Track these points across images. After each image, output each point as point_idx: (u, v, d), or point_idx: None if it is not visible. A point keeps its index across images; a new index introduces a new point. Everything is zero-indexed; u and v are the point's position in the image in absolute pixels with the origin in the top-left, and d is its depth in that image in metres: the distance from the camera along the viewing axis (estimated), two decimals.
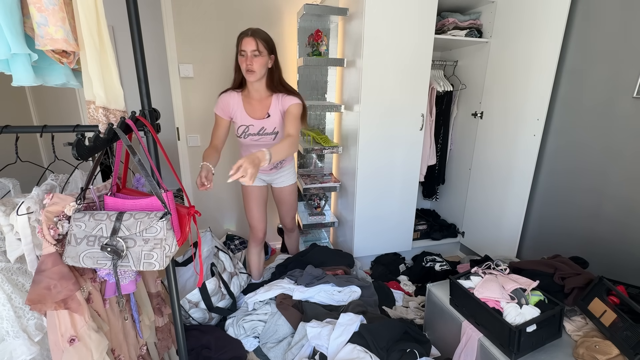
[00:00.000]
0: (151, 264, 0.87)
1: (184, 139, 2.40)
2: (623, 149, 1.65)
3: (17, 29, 0.77)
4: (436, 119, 2.57)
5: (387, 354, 1.41)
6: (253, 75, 1.56)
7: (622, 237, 1.68)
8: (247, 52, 1.52)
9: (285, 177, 1.94)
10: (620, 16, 1.63)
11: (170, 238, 0.88)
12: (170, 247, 0.88)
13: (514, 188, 2.15)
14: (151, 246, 0.87)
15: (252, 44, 1.51)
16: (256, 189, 1.92)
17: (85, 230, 0.86)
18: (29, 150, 2.53)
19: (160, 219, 0.87)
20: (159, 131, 1.06)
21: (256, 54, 1.52)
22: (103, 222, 0.86)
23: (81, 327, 0.92)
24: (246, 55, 1.53)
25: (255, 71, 1.55)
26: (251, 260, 2.10)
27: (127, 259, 0.87)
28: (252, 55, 1.52)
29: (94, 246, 0.86)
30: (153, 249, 0.87)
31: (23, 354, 0.90)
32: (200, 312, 1.78)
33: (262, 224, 1.98)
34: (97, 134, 0.84)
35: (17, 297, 0.91)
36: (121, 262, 0.87)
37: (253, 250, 2.06)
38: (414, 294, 2.19)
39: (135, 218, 0.87)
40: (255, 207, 1.94)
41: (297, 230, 2.30)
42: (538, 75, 1.93)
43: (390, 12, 1.94)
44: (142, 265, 0.87)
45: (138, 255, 0.87)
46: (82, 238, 0.86)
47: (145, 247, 0.87)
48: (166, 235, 0.88)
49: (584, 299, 1.33)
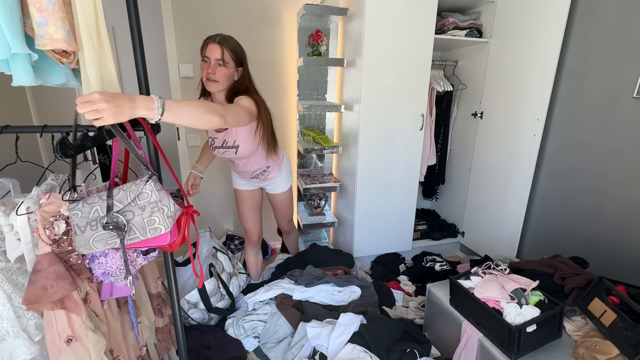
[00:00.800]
0: (157, 229, 0.87)
1: (184, 139, 2.40)
2: (623, 148, 1.65)
3: (17, 28, 0.77)
4: (436, 119, 2.57)
5: (387, 354, 1.41)
6: (214, 86, 1.41)
7: (622, 237, 1.68)
8: (211, 60, 1.38)
9: (277, 185, 1.87)
10: (621, 16, 1.63)
11: (165, 198, 0.88)
12: (168, 208, 0.88)
13: (514, 188, 2.15)
14: (150, 212, 0.87)
15: (217, 51, 1.37)
16: (247, 193, 1.88)
17: (83, 216, 0.86)
18: (29, 150, 2.53)
19: (147, 183, 0.86)
20: (159, 131, 1.06)
21: (220, 64, 1.38)
22: (96, 204, 0.86)
23: (78, 327, 0.91)
24: (209, 62, 1.39)
25: (217, 81, 1.40)
26: (248, 261, 2.10)
27: (133, 231, 0.87)
28: (217, 64, 1.38)
29: (97, 229, 0.85)
30: (152, 214, 0.87)
31: (23, 353, 0.90)
32: (199, 312, 1.78)
33: (256, 228, 1.95)
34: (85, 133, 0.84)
35: (17, 297, 0.90)
36: (129, 236, 0.86)
37: (249, 252, 2.06)
38: (414, 294, 2.19)
39: (123, 190, 0.87)
40: (248, 211, 1.90)
41: (296, 231, 2.30)
42: (538, 75, 1.93)
43: (390, 12, 1.94)
44: (148, 232, 0.87)
45: (142, 224, 0.86)
46: (85, 225, 0.86)
47: (145, 214, 0.87)
48: (159, 196, 0.87)
49: (584, 299, 1.33)
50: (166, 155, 1.05)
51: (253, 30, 2.31)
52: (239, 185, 1.88)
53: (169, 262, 1.15)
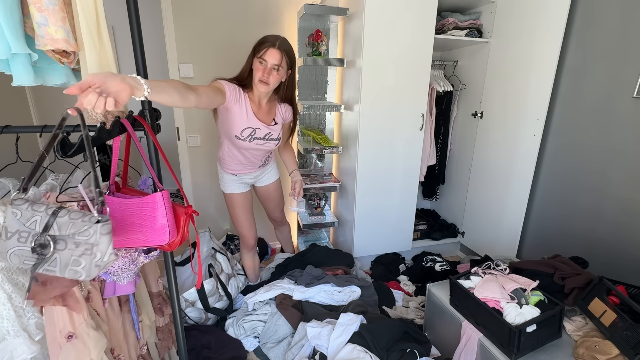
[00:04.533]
0: (77, 272, 0.75)
1: (184, 138, 2.40)
2: (623, 149, 1.65)
3: (17, 29, 0.77)
4: (436, 119, 2.57)
5: (387, 354, 1.41)
6: (264, 87, 1.47)
7: (622, 237, 1.68)
8: (268, 64, 1.42)
9: (270, 174, 1.93)
10: (620, 16, 1.63)
11: (104, 244, 0.74)
12: (102, 256, 0.75)
13: (514, 188, 2.15)
14: (81, 251, 0.75)
15: (277, 57, 1.41)
16: (240, 197, 1.84)
17: (20, 220, 0.75)
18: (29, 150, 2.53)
19: (96, 223, 0.74)
20: (159, 131, 1.06)
21: (276, 68, 1.43)
22: (39, 214, 0.74)
23: (79, 324, 0.91)
24: (266, 66, 1.42)
25: (269, 84, 1.46)
26: (246, 265, 2.10)
27: (53, 263, 0.75)
28: (272, 69, 1.43)
29: (25, 243, 0.74)
30: (82, 255, 0.75)
31: (24, 353, 0.90)
32: (196, 311, 1.78)
33: (252, 231, 1.94)
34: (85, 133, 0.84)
35: (17, 297, 0.91)
36: (48, 266, 0.75)
37: (246, 255, 2.06)
38: (414, 294, 2.19)
39: (70, 217, 0.75)
40: (243, 215, 1.87)
41: (288, 223, 2.30)
42: (538, 75, 1.93)
43: (390, 12, 1.94)
44: (67, 272, 0.75)
45: (66, 261, 0.75)
46: (14, 232, 0.75)
47: (76, 251, 0.75)
48: (99, 240, 0.74)
49: (584, 299, 1.33)
50: (166, 155, 1.05)
51: (253, 30, 2.31)
52: (232, 189, 1.82)
53: (169, 262, 1.15)
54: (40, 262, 0.74)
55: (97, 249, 0.75)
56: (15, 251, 0.74)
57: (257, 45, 1.46)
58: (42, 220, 0.74)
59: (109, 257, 0.76)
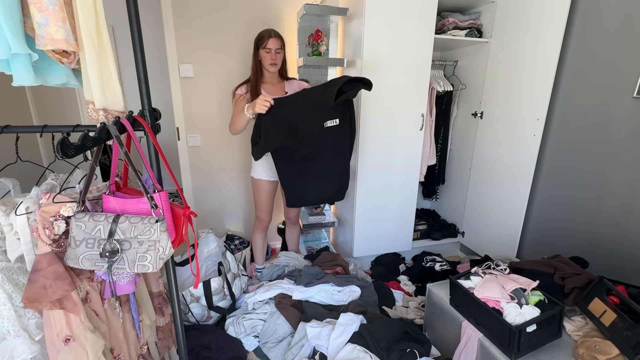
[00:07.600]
0: (145, 266, 0.87)
1: (184, 139, 2.40)
2: (623, 149, 1.65)
3: (17, 29, 0.77)
4: (436, 119, 2.57)
5: (387, 354, 1.41)
6: (275, 67, 1.86)
7: (622, 237, 1.68)
8: (272, 50, 1.79)
9: None
10: (620, 16, 1.63)
11: (164, 240, 0.88)
12: (164, 249, 0.88)
13: (514, 188, 2.15)
14: (145, 248, 0.87)
15: (277, 43, 1.80)
16: (267, 184, 1.99)
17: (85, 231, 0.86)
18: (29, 150, 2.53)
19: (156, 222, 0.88)
20: (158, 131, 1.06)
21: (279, 51, 1.82)
22: (101, 223, 0.87)
23: (76, 327, 0.92)
24: (271, 52, 1.80)
25: (277, 64, 1.86)
26: (256, 245, 2.20)
27: (122, 261, 0.87)
28: (276, 52, 1.81)
29: (93, 248, 0.86)
30: (147, 251, 0.87)
31: (24, 352, 0.91)
32: (200, 307, 1.78)
33: (270, 216, 2.11)
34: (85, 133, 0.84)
35: (17, 297, 0.91)
36: (117, 265, 0.87)
37: (259, 236, 2.17)
38: (414, 294, 2.19)
39: (130, 222, 0.88)
40: (265, 201, 2.03)
41: (300, 225, 2.33)
42: (538, 75, 1.93)
43: (390, 12, 1.94)
44: (136, 268, 0.87)
45: (133, 258, 0.87)
46: (81, 240, 0.87)
47: (140, 249, 0.88)
48: (160, 237, 0.88)
49: (584, 299, 1.33)
50: (166, 155, 1.05)
51: (253, 30, 2.29)
52: (262, 176, 1.98)
53: (169, 262, 1.15)
54: (112, 264, 0.86)
55: (159, 244, 0.88)
56: (86, 256, 0.87)
57: (258, 40, 1.82)
58: (105, 229, 0.87)
59: (170, 250, 0.90)
